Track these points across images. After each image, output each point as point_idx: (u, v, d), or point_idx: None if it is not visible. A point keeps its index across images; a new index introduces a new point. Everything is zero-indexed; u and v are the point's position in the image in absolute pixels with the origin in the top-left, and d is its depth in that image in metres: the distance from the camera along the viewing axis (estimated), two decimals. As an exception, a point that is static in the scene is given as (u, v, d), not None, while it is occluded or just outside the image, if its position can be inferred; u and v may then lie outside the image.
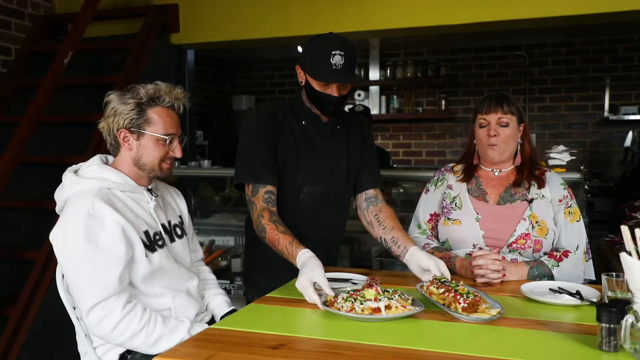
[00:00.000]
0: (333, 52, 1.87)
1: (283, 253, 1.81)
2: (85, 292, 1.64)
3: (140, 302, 1.74)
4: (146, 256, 1.75)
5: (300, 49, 2.06)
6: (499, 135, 2.07)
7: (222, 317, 1.94)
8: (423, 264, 1.79)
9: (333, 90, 1.94)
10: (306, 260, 1.70)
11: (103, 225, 1.66)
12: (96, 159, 1.84)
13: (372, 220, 2.10)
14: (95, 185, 1.73)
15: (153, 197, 1.85)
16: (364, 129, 2.24)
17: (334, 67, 1.87)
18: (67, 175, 1.79)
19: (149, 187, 1.87)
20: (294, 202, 2.06)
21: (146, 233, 1.77)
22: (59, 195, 1.78)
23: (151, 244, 1.78)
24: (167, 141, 1.80)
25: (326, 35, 1.96)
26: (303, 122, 2.07)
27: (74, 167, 1.83)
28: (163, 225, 1.87)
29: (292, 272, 1.75)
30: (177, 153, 1.82)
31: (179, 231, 1.95)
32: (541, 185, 2.09)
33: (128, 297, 1.68)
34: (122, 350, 1.76)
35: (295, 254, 1.75)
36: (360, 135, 2.20)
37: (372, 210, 2.12)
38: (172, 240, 1.89)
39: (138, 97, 1.75)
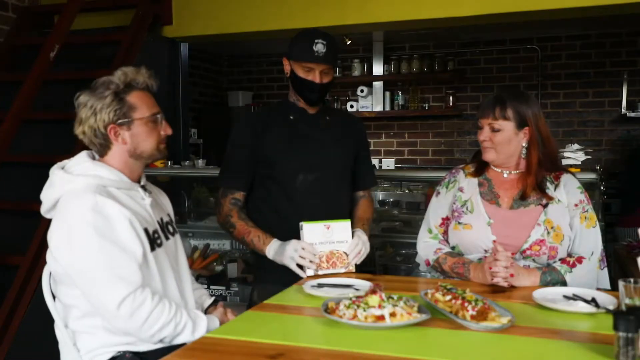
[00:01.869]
0: (316, 41, 2.16)
1: (253, 243, 2.19)
2: (109, 288, 1.65)
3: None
4: (152, 250, 1.79)
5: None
6: (490, 140, 2.08)
7: (207, 309, 2.02)
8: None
9: (315, 77, 2.19)
10: (281, 243, 2.11)
11: (111, 220, 1.69)
12: (84, 155, 1.85)
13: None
14: (90, 182, 1.74)
15: (147, 194, 1.88)
16: (358, 124, 2.51)
17: (316, 53, 2.16)
18: (57, 173, 1.78)
19: (142, 184, 1.90)
20: (292, 191, 2.26)
21: (145, 230, 1.80)
22: (48, 194, 1.78)
23: (151, 242, 1.81)
24: (158, 120, 1.84)
25: (310, 28, 2.29)
26: (291, 117, 2.30)
27: (61, 164, 1.83)
28: (159, 223, 1.91)
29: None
30: (168, 130, 1.88)
31: (171, 229, 1.98)
32: (549, 197, 2.07)
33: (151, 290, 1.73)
34: (109, 356, 1.77)
35: (268, 241, 2.15)
36: (354, 128, 2.44)
37: (352, 209, 2.41)
38: (166, 238, 1.93)
39: (114, 86, 1.77)
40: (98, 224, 1.66)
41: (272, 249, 2.13)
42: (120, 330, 1.73)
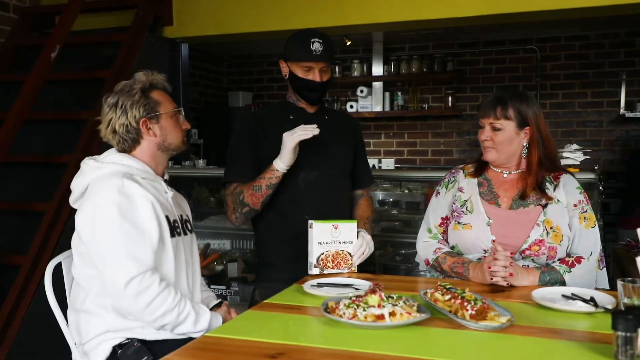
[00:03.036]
0: (312, 40, 2.19)
1: (263, 179, 2.15)
2: (121, 266, 1.72)
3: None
4: (171, 237, 1.86)
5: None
6: (491, 139, 2.08)
7: (211, 309, 2.02)
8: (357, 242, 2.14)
9: (315, 75, 2.22)
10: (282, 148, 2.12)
11: (135, 202, 1.79)
12: (112, 149, 1.95)
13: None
14: (119, 169, 1.84)
15: (169, 188, 1.98)
16: (356, 124, 2.54)
17: (314, 52, 2.19)
18: (88, 162, 1.90)
19: (165, 178, 2.01)
20: (294, 190, 2.27)
21: (167, 217, 1.88)
22: (79, 182, 1.87)
23: (171, 229, 1.89)
24: (182, 114, 2.00)
25: (305, 29, 2.30)
26: (291, 117, 2.30)
27: (91, 157, 1.94)
28: (180, 217, 1.99)
29: (305, 260, 2.07)
30: (187, 124, 2.03)
31: (189, 226, 2.06)
32: (548, 197, 2.08)
33: (161, 276, 1.79)
34: (116, 342, 1.80)
35: (273, 166, 2.13)
36: (352, 128, 2.48)
37: (352, 208, 2.44)
38: (184, 233, 2.00)
39: (140, 85, 1.90)
40: (122, 204, 1.76)
41: (278, 161, 2.13)
42: (125, 311, 1.77)
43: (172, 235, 1.88)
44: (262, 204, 2.21)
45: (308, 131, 2.08)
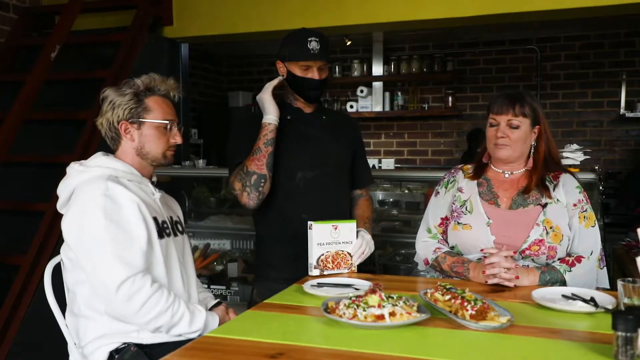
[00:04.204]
0: (309, 39, 2.20)
1: (259, 140, 2.16)
2: (111, 270, 1.70)
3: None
4: (159, 238, 1.84)
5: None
6: (507, 137, 2.07)
7: (209, 309, 2.02)
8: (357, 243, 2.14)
9: (314, 74, 2.23)
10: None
11: (120, 204, 1.77)
12: (99, 153, 1.93)
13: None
14: (103, 172, 1.82)
15: (157, 190, 1.96)
16: (354, 123, 2.56)
17: (312, 51, 2.20)
18: (73, 167, 1.88)
19: (153, 180, 1.98)
20: (291, 190, 2.27)
21: (154, 219, 1.86)
22: (64, 186, 1.85)
23: (159, 230, 1.86)
24: (168, 127, 1.91)
25: (300, 29, 2.29)
26: (288, 117, 2.30)
27: (77, 162, 1.92)
28: (170, 218, 1.97)
29: (304, 260, 2.06)
30: (178, 139, 1.95)
31: (180, 227, 2.04)
32: (549, 195, 2.09)
33: (152, 278, 1.77)
34: (113, 347, 1.79)
35: (264, 123, 2.18)
36: (350, 127, 2.49)
37: (352, 208, 2.43)
38: (175, 234, 1.97)
39: (135, 87, 1.87)
40: (107, 207, 1.74)
41: (265, 116, 2.20)
42: (117, 315, 1.76)
43: (161, 236, 1.86)
44: (268, 167, 2.15)
45: (274, 80, 2.23)
